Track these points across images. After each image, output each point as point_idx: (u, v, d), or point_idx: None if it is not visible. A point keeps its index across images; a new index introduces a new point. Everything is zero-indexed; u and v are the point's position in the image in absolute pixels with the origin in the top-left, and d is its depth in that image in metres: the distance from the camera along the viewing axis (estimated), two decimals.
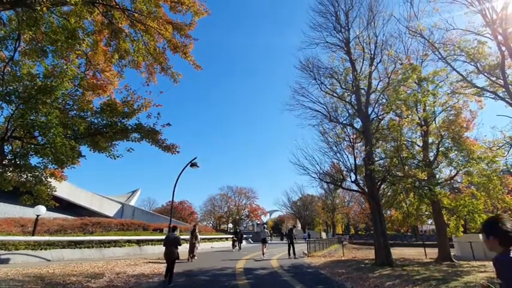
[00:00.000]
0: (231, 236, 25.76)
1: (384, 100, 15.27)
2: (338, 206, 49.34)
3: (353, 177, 12.70)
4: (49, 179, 7.88)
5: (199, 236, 16.17)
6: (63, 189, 30.48)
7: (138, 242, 17.86)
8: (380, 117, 14.70)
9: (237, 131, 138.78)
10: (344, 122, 14.68)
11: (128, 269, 10.26)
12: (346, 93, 15.20)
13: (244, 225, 63.77)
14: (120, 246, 16.44)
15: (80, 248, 14.55)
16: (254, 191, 65.19)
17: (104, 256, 14.95)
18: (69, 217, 23.43)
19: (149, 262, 12.43)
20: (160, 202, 66.21)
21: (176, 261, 8.33)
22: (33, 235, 14.19)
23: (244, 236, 32.23)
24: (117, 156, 7.76)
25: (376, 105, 14.60)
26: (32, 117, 5.13)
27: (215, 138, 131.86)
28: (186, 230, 27.76)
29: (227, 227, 62.02)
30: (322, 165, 14.91)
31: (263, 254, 15.70)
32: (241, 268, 11.43)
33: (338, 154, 13.39)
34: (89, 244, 15.08)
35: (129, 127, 7.72)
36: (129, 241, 17.28)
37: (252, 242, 36.09)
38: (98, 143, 7.09)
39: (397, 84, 14.47)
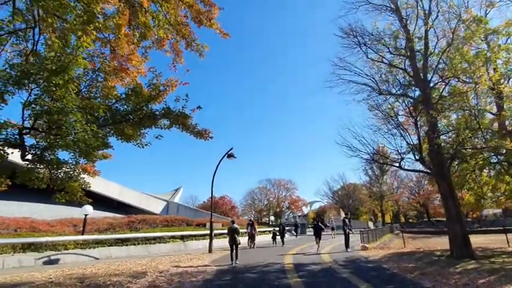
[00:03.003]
0: (274, 228, 24.11)
1: (443, 64, 12.88)
2: (386, 193, 45.83)
3: (414, 155, 10.78)
4: (82, 175, 7.47)
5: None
6: (114, 190, 32.55)
7: (182, 238, 17.72)
8: (441, 83, 12.40)
9: (270, 118, 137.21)
10: (397, 92, 12.63)
11: (171, 267, 9.73)
12: (397, 60, 13.09)
13: (286, 218, 62.67)
14: (164, 243, 16.37)
15: (127, 245, 14.64)
16: (293, 182, 63.55)
17: (150, 253, 14.91)
18: (118, 215, 24.33)
19: (192, 260, 11.87)
20: (202, 198, 67.78)
21: (239, 246, 10.93)
22: (82, 234, 14.56)
23: (287, 228, 31.19)
24: (145, 144, 7.11)
25: (436, 71, 12.30)
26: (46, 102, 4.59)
27: (247, 126, 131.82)
28: (228, 225, 27.66)
29: (268, 220, 61.55)
30: (375, 144, 12.98)
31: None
32: (290, 264, 10.32)
33: (395, 129, 11.49)
34: (135, 241, 15.15)
35: (157, 112, 6.99)
36: (173, 237, 17.19)
37: (295, 234, 34.88)
38: (124, 131, 6.45)
39: (460, 42, 12.05)
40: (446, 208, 10.29)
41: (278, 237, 19.85)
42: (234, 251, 10.65)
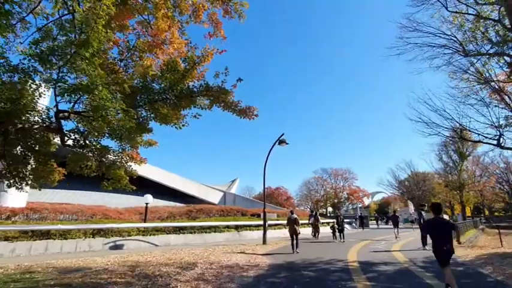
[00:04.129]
0: (333, 221, 21.58)
1: None
2: (468, 182, 39.29)
3: None
4: (129, 163, 7.33)
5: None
6: (177, 181, 35.01)
7: (237, 228, 17.50)
8: None
9: (325, 99, 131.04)
10: (490, 51, 9.86)
11: (223, 258, 9.25)
12: (486, 9, 10.22)
13: (345, 209, 59.24)
14: (219, 232, 16.33)
15: (184, 233, 14.93)
16: (352, 171, 59.63)
17: (205, 241, 14.96)
18: (178, 204, 25.56)
19: (243, 252, 11.29)
20: (258, 189, 68.42)
21: (299, 236, 11.29)
22: (144, 221, 15.33)
23: (347, 220, 28.90)
24: (183, 125, 6.57)
25: None
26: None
27: (300, 111, 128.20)
28: (283, 215, 26.91)
29: (326, 211, 59.05)
30: (460, 117, 10.38)
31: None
32: (354, 262, 8.91)
33: (489, 98, 8.93)
34: (192, 230, 15.38)
35: (195, 89, 6.34)
36: (227, 226, 17.07)
37: (356, 227, 32.39)
38: (160, 112, 5.96)
39: None
40: None
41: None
42: (295, 240, 11.02)
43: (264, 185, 15.37)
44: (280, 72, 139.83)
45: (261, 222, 15.88)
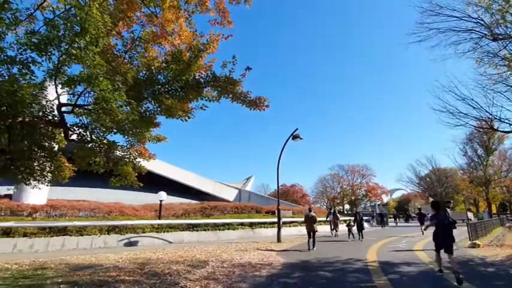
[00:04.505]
0: (349, 219, 20.54)
1: None
2: (494, 178, 37.16)
3: None
4: (138, 159, 7.18)
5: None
6: (193, 179, 35.52)
7: (251, 225, 17.25)
8: None
9: (337, 90, 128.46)
10: None
11: (235, 256, 8.99)
12: None
13: (363, 206, 57.73)
14: (233, 229, 16.14)
15: (197, 230, 14.83)
16: (370, 168, 57.96)
17: (219, 238, 14.81)
18: (193, 201, 25.66)
19: (257, 249, 10.98)
20: (274, 186, 68.07)
21: (317, 233, 11.53)
22: (159, 218, 15.37)
23: (365, 218, 27.95)
24: (188, 118, 6.31)
25: None
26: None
27: (314, 105, 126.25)
28: (299, 213, 26.50)
29: (343, 209, 57.85)
30: (489, 107, 9.52)
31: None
32: (374, 261, 8.41)
33: None
34: (205, 227, 15.26)
35: (201, 80, 6.05)
36: (242, 224, 16.85)
37: (374, 225, 31.40)
38: (164, 103, 5.71)
39: None
40: None
41: (354, 228, 15.54)
42: (312, 238, 11.05)
43: (277, 182, 14.99)
44: (308, 63, 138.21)
45: (276, 220, 15.55)
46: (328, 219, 19.65)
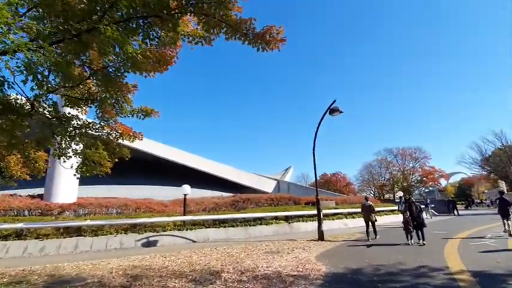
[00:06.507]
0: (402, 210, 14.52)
1: None
2: None
3: None
4: (119, 140, 5.44)
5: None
6: (229, 172, 34.75)
7: (287, 219, 15.03)
8: None
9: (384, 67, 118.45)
10: None
11: (261, 263, 6.91)
12: None
13: (419, 193, 51.57)
14: (266, 224, 14.08)
15: (225, 227, 13.08)
16: (423, 150, 51.51)
17: (249, 235, 12.87)
18: (225, 194, 24.19)
19: (293, 250, 8.71)
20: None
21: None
22: (184, 214, 13.93)
23: (423, 206, 23.57)
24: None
25: None
26: None
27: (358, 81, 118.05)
28: (343, 202, 23.56)
29: (393, 196, 52.44)
30: None
31: None
32: (462, 271, 5.68)
33: None
34: (233, 222, 13.45)
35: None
36: (276, 218, 14.72)
37: (436, 214, 26.96)
38: (104, 35, 3.56)
39: None
40: None
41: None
42: (373, 227, 10.83)
43: (314, 166, 12.49)
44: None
45: (315, 212, 13.14)
46: (399, 209, 16.64)
